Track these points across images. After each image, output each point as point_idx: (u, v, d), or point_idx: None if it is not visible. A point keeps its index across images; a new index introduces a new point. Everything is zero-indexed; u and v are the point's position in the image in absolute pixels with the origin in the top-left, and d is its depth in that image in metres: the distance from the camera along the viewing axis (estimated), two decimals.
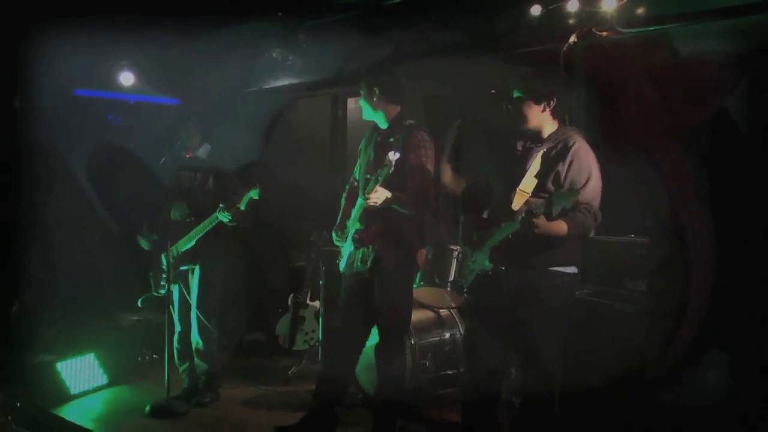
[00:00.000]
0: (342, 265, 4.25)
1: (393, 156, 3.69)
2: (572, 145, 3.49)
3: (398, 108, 4.09)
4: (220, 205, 4.60)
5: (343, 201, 4.40)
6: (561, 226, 3.34)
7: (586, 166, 3.46)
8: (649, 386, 3.86)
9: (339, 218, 4.36)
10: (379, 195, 3.83)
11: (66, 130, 6.00)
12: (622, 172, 3.94)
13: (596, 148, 3.55)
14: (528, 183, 3.51)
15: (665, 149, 4.19)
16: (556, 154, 3.51)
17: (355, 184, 4.30)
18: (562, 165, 3.47)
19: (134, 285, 5.97)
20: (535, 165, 3.52)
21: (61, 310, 5.73)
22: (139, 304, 5.08)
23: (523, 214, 3.34)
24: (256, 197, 4.61)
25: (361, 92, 4.10)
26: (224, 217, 4.61)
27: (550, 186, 3.48)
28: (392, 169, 3.71)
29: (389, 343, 4.12)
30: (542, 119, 3.56)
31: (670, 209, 4.11)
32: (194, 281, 4.87)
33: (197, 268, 4.86)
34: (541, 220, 3.27)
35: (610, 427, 3.89)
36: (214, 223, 4.68)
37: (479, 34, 4.62)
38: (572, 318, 3.62)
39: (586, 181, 3.44)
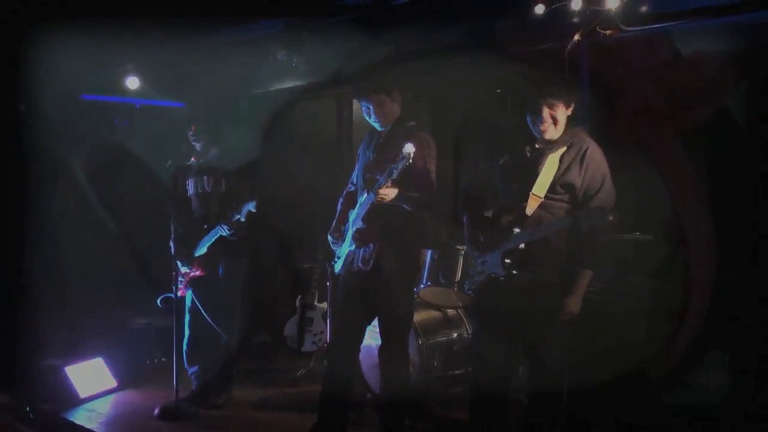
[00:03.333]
0: (338, 266, 4.24)
1: (410, 148, 3.65)
2: (586, 150, 3.49)
3: (399, 110, 4.10)
4: (222, 222, 4.66)
5: (339, 205, 4.38)
6: (584, 238, 3.42)
7: (600, 171, 3.49)
8: (652, 385, 3.86)
9: (335, 222, 4.34)
10: (390, 191, 3.82)
11: (73, 134, 6.02)
12: (625, 169, 3.93)
13: (602, 147, 3.55)
14: (540, 187, 3.50)
15: (667, 148, 4.19)
16: (571, 159, 3.50)
17: (352, 188, 4.30)
18: (578, 170, 3.47)
19: (143, 288, 6.00)
20: (546, 168, 3.51)
21: (69, 314, 5.74)
22: (158, 303, 5.10)
23: (542, 224, 3.41)
24: (253, 210, 4.63)
25: (375, 95, 4.03)
26: (224, 231, 4.67)
27: (560, 189, 3.49)
28: (410, 161, 3.66)
29: (393, 343, 4.11)
30: (564, 123, 3.56)
31: (671, 208, 4.11)
32: (215, 283, 4.89)
33: (221, 269, 4.88)
34: (566, 234, 3.34)
35: (614, 425, 3.88)
36: (215, 237, 4.73)
37: (483, 34, 4.62)
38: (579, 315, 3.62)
39: (601, 186, 3.47)
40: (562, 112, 3.48)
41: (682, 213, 4.11)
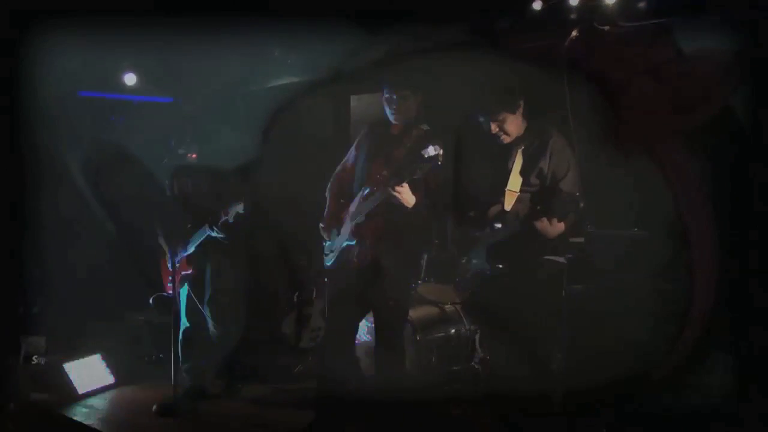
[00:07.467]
0: (330, 260, 4.23)
1: (437, 150, 3.62)
2: (548, 139, 3.66)
3: (415, 112, 4.10)
4: (210, 224, 4.61)
5: (328, 192, 4.35)
6: (559, 227, 3.46)
7: (564, 157, 3.64)
8: (653, 386, 3.87)
9: (327, 210, 4.31)
10: (407, 191, 3.76)
11: (70, 132, 6.02)
12: (624, 167, 3.95)
13: (593, 144, 3.64)
14: (514, 182, 3.64)
15: (667, 145, 4.19)
16: (535, 150, 3.67)
17: (344, 175, 4.28)
18: (543, 159, 3.64)
19: (140, 285, 6.00)
20: (517, 163, 3.65)
21: (67, 311, 5.74)
22: (151, 302, 5.10)
23: (521, 217, 3.45)
24: (241, 211, 4.57)
25: (405, 89, 4.03)
26: (212, 232, 4.64)
27: (534, 180, 3.63)
28: (440, 161, 3.64)
29: (388, 339, 4.13)
30: (520, 122, 3.71)
31: (674, 207, 4.12)
32: (207, 278, 4.89)
33: (208, 268, 4.87)
34: (543, 222, 3.35)
35: (613, 426, 3.89)
36: (203, 237, 4.72)
37: (479, 30, 4.62)
38: (573, 312, 3.65)
39: (567, 172, 3.61)
40: (511, 120, 3.67)
41: (685, 212, 4.11)
